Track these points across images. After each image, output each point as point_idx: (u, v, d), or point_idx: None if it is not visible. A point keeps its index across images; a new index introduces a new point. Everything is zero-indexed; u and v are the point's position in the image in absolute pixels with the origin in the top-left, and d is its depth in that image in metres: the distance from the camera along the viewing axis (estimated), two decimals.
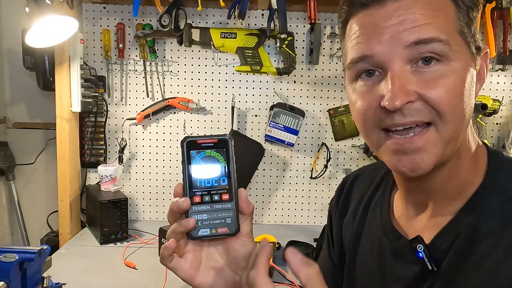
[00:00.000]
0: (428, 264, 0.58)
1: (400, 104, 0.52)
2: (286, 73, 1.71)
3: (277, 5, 1.50)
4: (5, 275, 0.74)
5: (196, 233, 0.54)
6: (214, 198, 0.54)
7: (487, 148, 0.63)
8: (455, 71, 0.53)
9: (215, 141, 0.54)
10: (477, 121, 1.73)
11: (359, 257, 0.73)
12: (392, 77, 0.53)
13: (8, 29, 1.84)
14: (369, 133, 0.58)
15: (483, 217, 0.56)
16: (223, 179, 0.54)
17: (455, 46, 0.53)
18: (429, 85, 0.52)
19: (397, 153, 0.55)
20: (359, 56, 0.56)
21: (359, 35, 0.56)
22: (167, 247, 0.54)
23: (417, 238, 0.60)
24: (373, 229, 0.71)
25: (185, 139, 0.54)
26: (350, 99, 0.61)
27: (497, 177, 0.58)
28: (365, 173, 0.81)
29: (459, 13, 0.54)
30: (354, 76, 0.58)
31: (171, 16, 1.61)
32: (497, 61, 1.76)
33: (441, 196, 0.61)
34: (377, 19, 0.54)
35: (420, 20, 0.52)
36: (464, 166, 0.59)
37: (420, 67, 0.53)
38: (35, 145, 1.87)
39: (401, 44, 0.52)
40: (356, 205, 0.77)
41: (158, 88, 1.78)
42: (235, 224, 0.54)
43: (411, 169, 0.55)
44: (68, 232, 1.68)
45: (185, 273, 0.56)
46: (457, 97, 0.53)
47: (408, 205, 0.66)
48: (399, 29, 0.52)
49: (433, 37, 0.52)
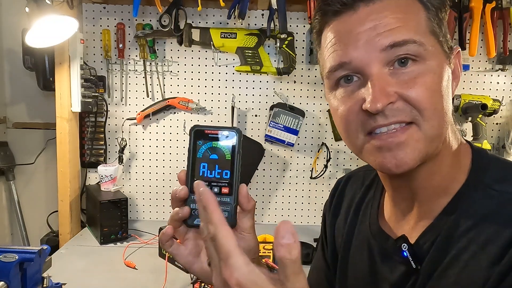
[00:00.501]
0: (412, 262, 0.59)
1: (382, 106, 0.53)
2: (286, 73, 1.71)
3: (277, 5, 1.50)
4: (5, 275, 0.74)
5: (192, 222, 0.54)
6: (213, 190, 0.53)
7: (471, 146, 0.64)
8: (431, 69, 0.55)
9: (223, 133, 0.54)
10: (477, 121, 1.73)
11: (351, 258, 0.74)
12: (372, 80, 0.54)
13: (8, 29, 1.84)
14: (352, 138, 0.59)
15: (464, 215, 0.57)
16: (225, 172, 0.54)
17: (429, 46, 0.54)
18: (408, 84, 0.54)
19: (381, 150, 0.56)
20: (337, 64, 0.57)
21: (335, 42, 0.57)
22: (164, 233, 0.55)
23: (402, 237, 0.61)
24: (363, 230, 0.72)
25: (194, 127, 0.54)
26: (331, 106, 0.62)
27: (480, 175, 0.59)
28: (357, 175, 0.81)
29: (429, 14, 0.56)
30: (333, 83, 0.59)
31: (171, 16, 1.61)
32: (497, 61, 1.76)
33: (425, 194, 0.61)
34: (351, 25, 0.55)
35: (393, 23, 0.53)
36: (445, 163, 0.60)
37: (397, 69, 0.54)
38: (35, 145, 1.87)
39: (377, 48, 0.53)
40: (347, 206, 0.79)
41: (158, 88, 1.78)
42: (232, 218, 0.53)
43: (396, 165, 0.55)
44: (68, 232, 1.68)
45: (184, 259, 0.57)
46: (436, 94, 0.55)
47: (396, 205, 0.67)
48: (373, 34, 0.54)
49: (407, 39, 0.53)
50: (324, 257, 0.84)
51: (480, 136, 1.72)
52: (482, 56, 1.76)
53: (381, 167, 0.58)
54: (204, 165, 0.54)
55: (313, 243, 1.57)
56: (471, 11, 1.61)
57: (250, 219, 0.56)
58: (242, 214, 0.55)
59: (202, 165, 0.54)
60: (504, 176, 0.59)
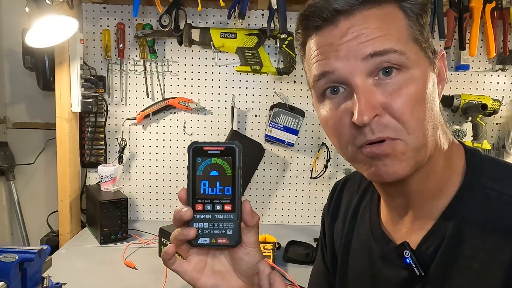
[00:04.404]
0: (415, 269, 0.59)
1: (368, 119, 0.53)
2: (286, 73, 1.71)
3: (277, 5, 1.50)
4: (5, 275, 0.74)
5: (196, 241, 0.53)
6: (216, 207, 0.53)
7: (464, 146, 0.64)
8: (415, 78, 0.55)
9: (222, 149, 0.53)
10: (477, 121, 1.73)
11: (351, 261, 0.74)
12: (357, 92, 0.54)
13: (8, 29, 1.84)
14: (343, 149, 0.60)
15: (465, 219, 0.57)
16: (227, 189, 0.53)
17: (411, 54, 0.55)
18: (392, 96, 0.54)
19: (372, 160, 0.56)
20: (320, 73, 0.57)
21: (317, 54, 0.57)
22: (166, 252, 0.55)
23: (403, 244, 0.61)
24: (363, 233, 0.72)
25: (192, 144, 0.53)
26: (320, 117, 0.62)
27: (475, 176, 0.60)
28: (354, 178, 0.82)
29: (410, 21, 0.56)
30: (319, 94, 0.60)
31: (171, 16, 1.61)
32: (497, 61, 1.76)
33: (420, 198, 0.62)
34: (332, 39, 0.55)
35: (374, 33, 0.53)
36: (438, 165, 0.60)
37: (381, 79, 0.54)
38: (35, 145, 1.87)
39: (358, 57, 0.54)
40: (345, 209, 0.79)
41: (158, 88, 1.78)
42: (236, 236, 0.53)
43: (387, 173, 0.56)
44: (68, 232, 1.68)
45: (188, 275, 0.56)
46: (419, 104, 0.55)
47: (391, 209, 0.67)
48: (354, 44, 0.54)
49: (387, 49, 0.53)
50: (324, 260, 0.84)
51: (480, 136, 1.72)
52: (482, 56, 1.76)
53: (373, 177, 0.58)
54: (205, 182, 0.53)
55: (313, 243, 1.57)
56: (471, 11, 1.61)
57: (255, 234, 0.56)
58: (247, 229, 0.55)
59: (203, 182, 0.53)
60: (499, 175, 0.59)
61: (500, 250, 0.53)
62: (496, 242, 0.54)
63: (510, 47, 1.74)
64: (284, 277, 1.31)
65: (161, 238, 1.43)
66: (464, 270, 0.56)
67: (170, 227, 1.43)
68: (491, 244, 0.54)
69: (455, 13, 1.59)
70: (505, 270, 0.52)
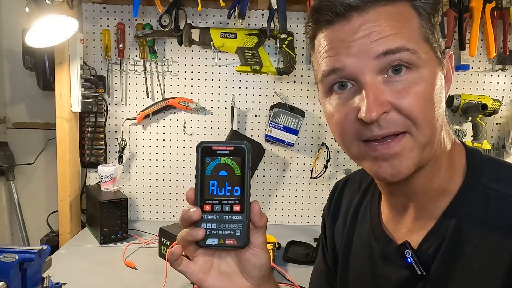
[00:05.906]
0: (417, 269, 0.59)
1: (376, 116, 0.53)
2: (286, 73, 1.71)
3: (277, 5, 1.50)
4: (5, 275, 0.74)
5: (204, 242, 0.53)
6: (224, 208, 0.52)
7: (465, 146, 0.64)
8: (424, 78, 0.55)
9: (231, 149, 0.52)
10: (477, 121, 1.73)
11: (352, 261, 0.74)
12: (366, 89, 0.54)
13: (8, 29, 1.84)
14: (348, 145, 0.59)
15: (466, 219, 0.57)
16: (236, 189, 0.52)
17: (422, 54, 0.54)
18: (401, 94, 0.54)
19: (377, 160, 0.56)
20: (329, 69, 0.57)
21: (328, 49, 0.57)
22: (172, 253, 0.54)
23: (405, 244, 0.61)
24: (364, 233, 0.72)
25: (200, 144, 0.52)
26: (326, 112, 0.62)
27: (476, 175, 0.60)
28: (354, 178, 0.82)
29: (422, 20, 0.56)
30: (327, 89, 0.59)
31: (171, 16, 1.61)
32: (497, 61, 1.76)
33: (423, 198, 0.62)
34: (344, 35, 0.55)
35: (386, 31, 0.53)
36: (442, 166, 0.60)
37: (391, 77, 0.54)
38: (35, 145, 1.87)
39: (370, 56, 0.53)
40: (346, 209, 0.79)
41: (158, 88, 1.78)
42: (244, 237, 0.52)
43: (391, 174, 0.56)
44: (68, 232, 1.68)
45: (194, 277, 0.56)
46: (428, 103, 0.55)
47: (392, 209, 0.67)
48: (367, 42, 0.53)
49: (400, 47, 0.53)
50: (325, 260, 0.84)
51: (480, 136, 1.72)
52: (482, 56, 1.76)
53: (376, 176, 0.58)
54: (214, 182, 0.52)
55: (313, 243, 1.57)
56: (471, 11, 1.61)
57: (262, 235, 0.55)
58: (254, 230, 0.54)
59: (212, 182, 0.52)
60: (499, 175, 0.59)
61: (500, 249, 0.54)
62: (497, 242, 0.54)
63: (510, 47, 1.74)
64: (284, 277, 1.31)
65: (161, 238, 1.43)
66: (465, 270, 0.56)
67: (170, 227, 1.43)
68: (492, 244, 0.54)
69: (455, 13, 1.59)
70: (505, 269, 0.53)
